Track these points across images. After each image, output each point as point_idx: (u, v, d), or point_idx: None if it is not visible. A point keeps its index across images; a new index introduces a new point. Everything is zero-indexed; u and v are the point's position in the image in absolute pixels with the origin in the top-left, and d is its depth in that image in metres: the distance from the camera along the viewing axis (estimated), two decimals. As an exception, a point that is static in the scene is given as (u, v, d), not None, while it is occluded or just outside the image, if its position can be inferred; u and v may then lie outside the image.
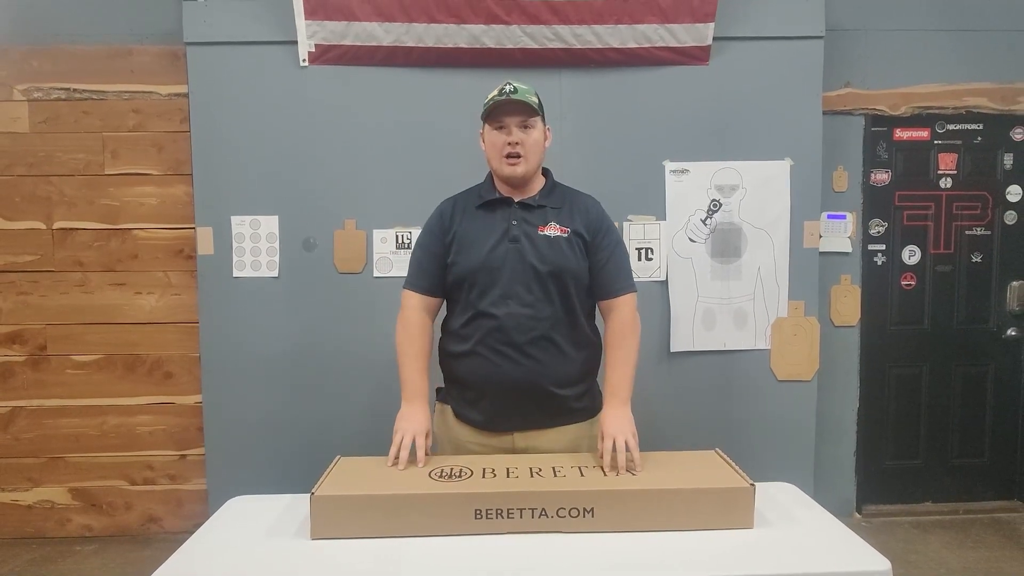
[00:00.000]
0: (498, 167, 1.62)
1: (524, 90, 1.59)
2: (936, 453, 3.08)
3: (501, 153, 1.59)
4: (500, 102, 1.57)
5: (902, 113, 2.92)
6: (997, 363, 3.06)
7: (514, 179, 1.61)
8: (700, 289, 2.73)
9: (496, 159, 1.61)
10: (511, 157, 1.59)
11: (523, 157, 1.59)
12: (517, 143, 1.58)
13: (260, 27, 2.59)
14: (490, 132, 1.61)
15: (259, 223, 2.66)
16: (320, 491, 1.35)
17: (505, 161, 1.59)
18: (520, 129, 1.58)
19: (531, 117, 1.59)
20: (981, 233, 3.02)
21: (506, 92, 1.57)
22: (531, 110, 1.58)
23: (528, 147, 1.59)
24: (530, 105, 1.58)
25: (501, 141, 1.59)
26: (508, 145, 1.58)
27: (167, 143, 2.75)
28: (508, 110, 1.57)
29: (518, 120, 1.58)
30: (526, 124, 1.59)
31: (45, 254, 2.78)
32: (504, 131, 1.59)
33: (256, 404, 2.68)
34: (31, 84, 2.73)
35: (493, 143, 1.60)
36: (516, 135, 1.58)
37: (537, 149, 1.62)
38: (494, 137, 1.60)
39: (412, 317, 1.65)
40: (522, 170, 1.60)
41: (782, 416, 2.75)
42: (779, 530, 1.37)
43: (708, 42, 2.61)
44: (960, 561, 2.62)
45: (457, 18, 2.51)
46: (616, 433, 1.47)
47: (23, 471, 2.83)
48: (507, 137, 1.58)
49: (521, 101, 1.56)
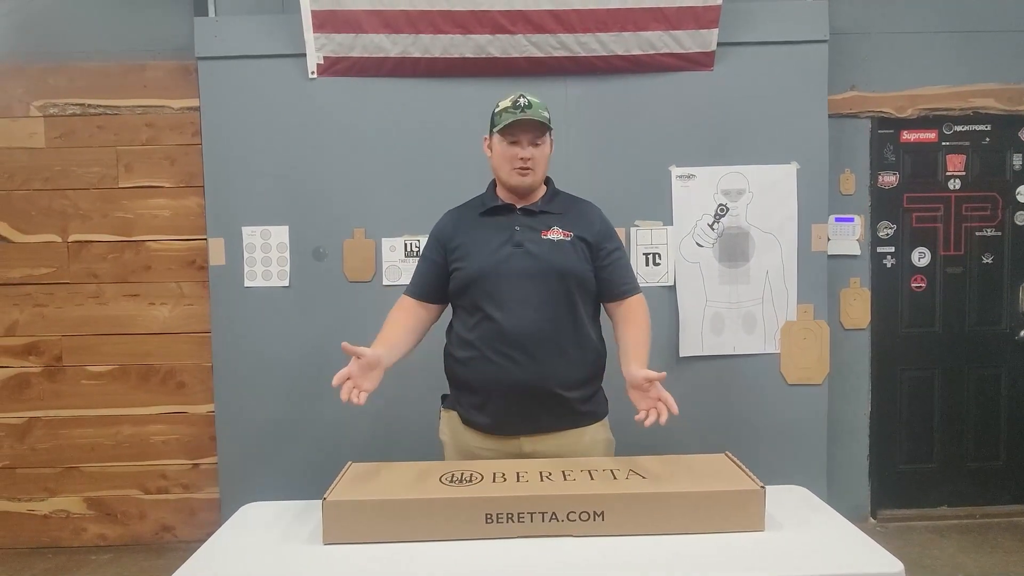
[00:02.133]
0: (507, 177, 1.65)
1: (538, 105, 1.62)
2: (951, 456, 3.05)
3: (512, 165, 1.63)
4: (518, 120, 1.59)
5: (909, 115, 2.92)
6: (1010, 364, 3.04)
7: (522, 188, 1.65)
8: (708, 293, 2.73)
9: (505, 170, 1.64)
10: (521, 169, 1.62)
11: (532, 170, 1.63)
12: (529, 158, 1.62)
13: (269, 41, 2.63)
14: (501, 143, 1.64)
15: (270, 233, 2.69)
16: (332, 496, 1.36)
17: (515, 172, 1.63)
18: (532, 145, 1.62)
19: (543, 133, 1.64)
20: (991, 234, 3.00)
21: (520, 106, 1.60)
22: (545, 128, 1.63)
23: (538, 161, 1.64)
24: (544, 124, 1.62)
25: (513, 154, 1.62)
26: (520, 160, 1.62)
27: (179, 156, 2.79)
28: (524, 127, 1.61)
29: (531, 136, 1.62)
30: (538, 141, 1.63)
31: (61, 266, 2.82)
32: (517, 145, 1.62)
33: (268, 412, 2.70)
34: (47, 100, 2.79)
35: (504, 154, 1.63)
36: (528, 151, 1.62)
37: (545, 162, 1.67)
38: (505, 149, 1.63)
39: (394, 312, 1.70)
40: (530, 180, 1.64)
41: (793, 420, 2.74)
42: (790, 532, 1.36)
43: (712, 48, 2.63)
44: (978, 565, 2.59)
45: (463, 29, 2.54)
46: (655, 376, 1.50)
47: (39, 481, 2.87)
48: (520, 152, 1.62)
49: (537, 121, 1.60)
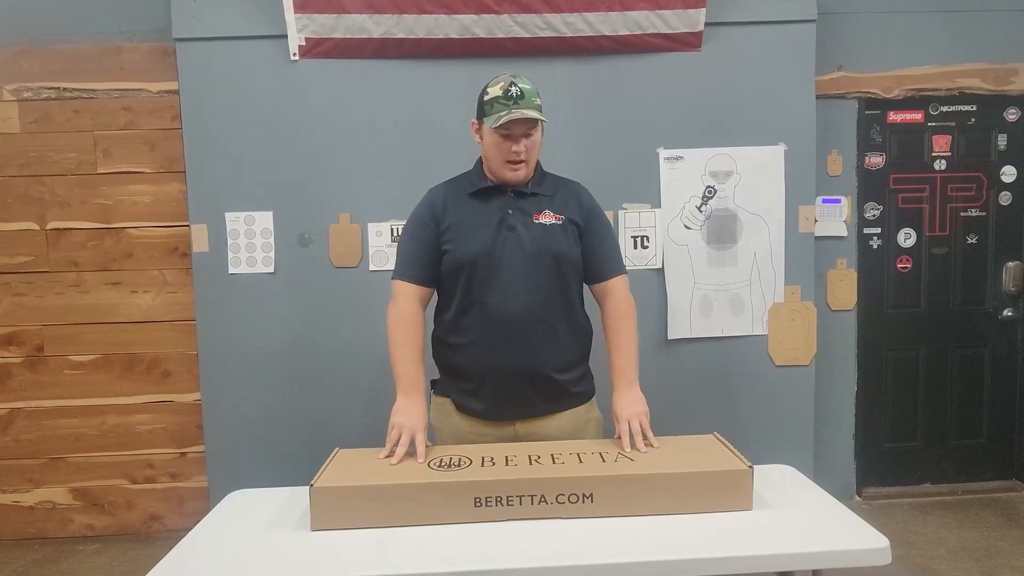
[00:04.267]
0: (499, 170, 1.60)
1: (530, 92, 1.55)
2: (934, 435, 3.10)
3: (504, 158, 1.58)
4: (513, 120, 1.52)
5: (895, 96, 2.91)
6: (994, 344, 3.07)
7: (514, 183, 1.61)
8: (696, 276, 2.73)
9: (498, 163, 1.59)
10: (514, 163, 1.58)
11: (525, 162, 1.59)
12: (522, 150, 1.57)
13: (249, 22, 2.57)
14: (492, 134, 1.57)
15: (253, 219, 2.65)
16: (319, 483, 1.35)
17: (508, 166, 1.59)
18: (525, 137, 1.57)
19: (536, 125, 1.58)
20: (976, 214, 3.02)
21: (513, 97, 1.53)
22: (538, 122, 1.57)
23: (531, 152, 1.60)
24: (539, 120, 1.56)
25: (506, 148, 1.57)
26: (513, 153, 1.57)
27: (159, 141, 2.74)
28: (517, 122, 1.54)
29: (525, 129, 1.56)
30: (531, 131, 1.58)
31: (39, 255, 2.77)
32: (510, 139, 1.56)
33: (255, 400, 2.68)
34: (20, 84, 2.71)
35: (496, 146, 1.58)
36: (522, 144, 1.57)
37: (537, 151, 1.63)
38: (498, 141, 1.57)
39: (405, 307, 1.61)
40: (523, 174, 1.60)
41: (781, 401, 2.76)
42: (778, 511, 1.38)
43: (700, 28, 2.60)
44: (959, 540, 2.64)
45: (447, 9, 2.50)
46: (631, 416, 1.53)
47: (23, 472, 2.83)
48: (513, 146, 1.56)
49: (532, 118, 1.54)
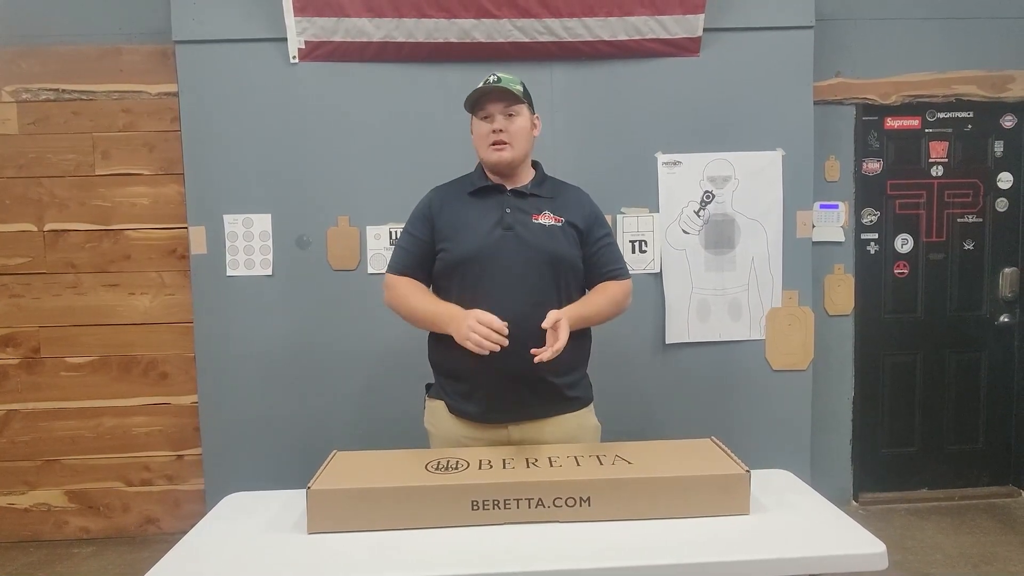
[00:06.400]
0: (485, 155, 1.63)
1: (508, 79, 1.61)
2: (931, 440, 3.10)
3: (487, 141, 1.60)
4: (483, 91, 1.58)
5: (893, 102, 2.93)
6: (990, 350, 3.08)
7: (500, 165, 1.61)
8: (694, 281, 2.73)
9: (482, 147, 1.62)
10: (496, 144, 1.59)
11: (508, 144, 1.59)
12: (501, 130, 1.58)
13: (249, 24, 2.58)
14: (476, 123, 1.63)
15: (252, 221, 2.65)
16: (316, 485, 1.35)
17: (491, 148, 1.60)
18: (504, 117, 1.59)
19: (515, 104, 1.60)
20: (973, 220, 3.03)
21: (490, 82, 1.59)
22: (514, 97, 1.59)
23: (513, 134, 1.59)
24: (512, 92, 1.58)
25: (486, 130, 1.60)
26: (493, 133, 1.59)
27: (158, 142, 2.74)
28: (491, 98, 1.59)
29: (501, 107, 1.59)
30: (510, 112, 1.60)
31: (37, 256, 2.76)
32: (489, 120, 1.60)
33: (252, 402, 2.67)
34: (19, 85, 2.71)
35: (479, 132, 1.62)
36: (500, 123, 1.59)
37: (523, 135, 1.62)
38: (479, 127, 1.62)
39: (401, 282, 1.63)
40: (508, 156, 1.60)
41: (778, 406, 2.76)
42: (775, 515, 1.38)
43: (698, 33, 2.61)
44: (956, 546, 2.64)
45: (447, 13, 2.50)
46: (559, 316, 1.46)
47: (19, 474, 2.82)
48: (492, 125, 1.59)
49: (503, 88, 1.57)
